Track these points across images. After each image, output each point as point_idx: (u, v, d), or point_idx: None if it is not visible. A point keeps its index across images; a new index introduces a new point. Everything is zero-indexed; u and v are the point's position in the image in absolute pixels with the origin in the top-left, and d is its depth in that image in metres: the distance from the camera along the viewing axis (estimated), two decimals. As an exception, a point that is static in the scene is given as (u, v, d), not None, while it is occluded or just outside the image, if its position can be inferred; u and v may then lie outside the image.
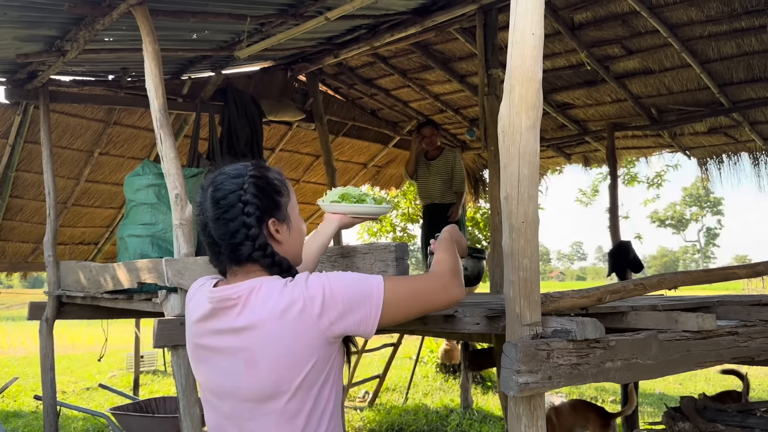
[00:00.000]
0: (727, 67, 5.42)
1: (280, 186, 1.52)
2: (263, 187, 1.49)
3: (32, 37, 4.02)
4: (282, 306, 1.39)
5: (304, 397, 1.41)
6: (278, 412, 1.41)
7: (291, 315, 1.38)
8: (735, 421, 3.05)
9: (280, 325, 1.38)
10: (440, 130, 6.39)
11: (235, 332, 1.43)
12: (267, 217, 1.48)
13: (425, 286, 1.50)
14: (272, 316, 1.39)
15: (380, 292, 1.42)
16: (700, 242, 63.29)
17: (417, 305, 1.49)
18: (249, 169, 1.52)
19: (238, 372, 1.43)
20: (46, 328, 4.69)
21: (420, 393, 8.16)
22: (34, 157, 5.64)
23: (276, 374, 1.39)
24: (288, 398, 1.40)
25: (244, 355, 1.41)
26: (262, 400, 1.42)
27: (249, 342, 1.41)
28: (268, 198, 1.49)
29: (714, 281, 2.52)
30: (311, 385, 1.41)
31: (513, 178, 1.69)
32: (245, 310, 1.42)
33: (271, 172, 1.54)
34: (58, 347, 10.16)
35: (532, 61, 1.66)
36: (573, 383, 1.74)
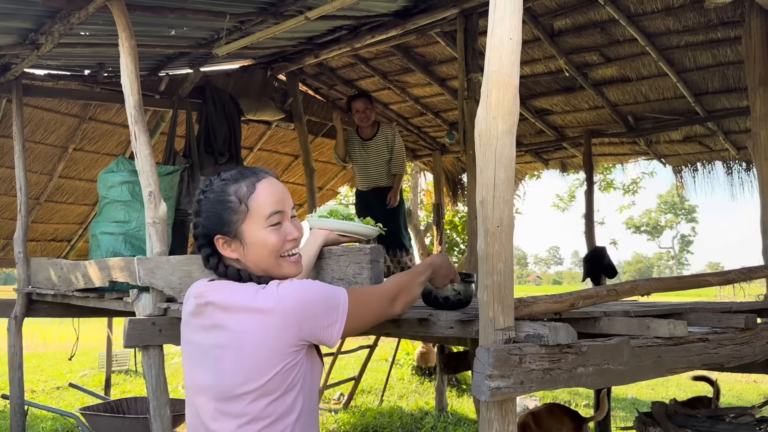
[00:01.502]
0: (703, 76, 5.50)
1: (234, 203, 1.48)
2: (212, 204, 1.50)
3: (5, 29, 3.94)
4: (251, 309, 1.41)
5: (266, 403, 1.41)
6: (239, 415, 1.42)
7: (258, 318, 1.40)
8: (704, 427, 3.10)
9: (247, 327, 1.41)
10: (374, 102, 5.82)
11: (208, 329, 1.47)
12: (214, 233, 1.50)
13: (378, 303, 1.58)
14: (241, 318, 1.42)
15: (345, 305, 1.46)
16: (674, 249, 64.26)
17: (370, 318, 1.56)
18: (208, 183, 1.54)
19: (210, 369, 1.46)
20: (15, 326, 4.60)
21: (395, 395, 8.15)
22: (6, 152, 5.53)
23: (240, 374, 1.41)
24: (250, 401, 1.41)
25: (214, 352, 1.45)
26: (225, 400, 1.43)
27: (219, 340, 1.44)
28: (214, 216, 1.50)
29: (686, 288, 2.54)
30: (274, 390, 1.41)
31: (489, 183, 1.68)
32: (216, 309, 1.46)
33: (233, 185, 1.50)
34: (29, 345, 9.99)
35: (509, 66, 1.67)
36: (545, 388, 1.74)
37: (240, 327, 1.41)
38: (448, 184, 8.55)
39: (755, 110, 3.58)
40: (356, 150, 5.53)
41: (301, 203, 8.15)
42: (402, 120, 7.48)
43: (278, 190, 1.53)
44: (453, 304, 2.12)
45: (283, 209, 1.51)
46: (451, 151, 7.89)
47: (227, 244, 1.50)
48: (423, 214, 11.38)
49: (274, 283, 1.45)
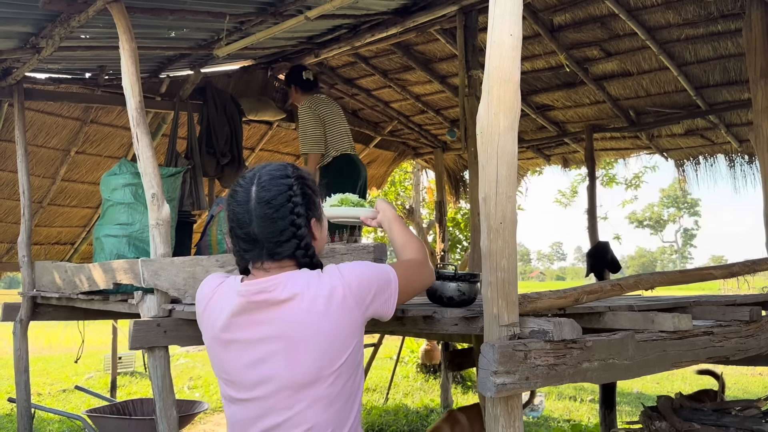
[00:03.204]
0: (704, 69, 5.49)
1: (317, 188, 1.63)
2: (308, 189, 1.59)
3: (6, 33, 3.95)
4: (324, 293, 1.47)
5: (344, 381, 1.49)
6: (317, 398, 1.47)
7: (334, 301, 1.47)
8: (710, 420, 3.09)
9: (322, 312, 1.46)
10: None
11: (274, 321, 1.48)
12: (311, 217, 1.59)
13: (420, 274, 1.71)
14: (314, 303, 1.46)
15: (396, 280, 1.59)
16: (677, 243, 64.15)
17: (415, 290, 1.70)
18: (291, 170, 1.60)
19: (276, 360, 1.47)
20: (20, 330, 4.61)
21: (400, 393, 8.16)
22: (9, 156, 5.54)
23: (319, 359, 1.45)
24: (330, 383, 1.47)
25: (283, 342, 1.47)
26: (301, 387, 1.47)
27: (290, 329, 1.46)
28: (311, 200, 1.60)
29: (690, 282, 2.55)
30: (349, 367, 1.50)
31: (491, 179, 1.69)
32: (286, 297, 1.48)
33: (307, 174, 1.64)
34: (35, 348, 10.02)
35: (510, 63, 1.67)
36: (550, 384, 1.75)
37: (313, 313, 1.45)
38: (450, 181, 8.55)
39: (757, 102, 3.58)
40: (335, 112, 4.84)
41: (303, 203, 8.16)
42: (403, 118, 7.48)
43: None
44: (457, 303, 2.13)
45: None
46: (453, 148, 7.89)
47: (317, 228, 1.61)
48: (425, 212, 11.37)
49: (333, 266, 1.55)
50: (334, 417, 1.48)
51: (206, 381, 9.13)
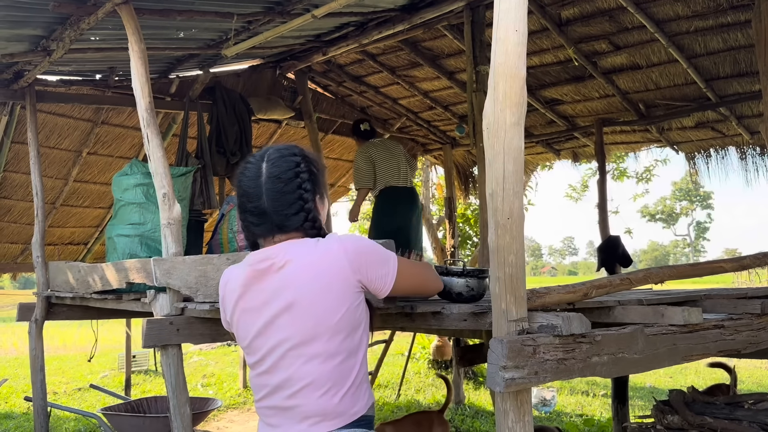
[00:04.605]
0: (714, 61, 5.45)
1: (323, 167, 1.75)
2: (315, 166, 1.72)
3: (17, 36, 3.99)
4: (319, 253, 1.59)
5: (342, 338, 1.58)
6: (315, 354, 1.57)
7: (328, 260, 1.58)
8: (723, 414, 3.08)
9: (318, 271, 1.57)
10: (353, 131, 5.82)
11: (275, 285, 1.60)
12: (316, 192, 1.70)
13: (427, 273, 1.83)
14: (310, 264, 1.58)
15: (395, 263, 1.67)
16: (690, 236, 63.68)
17: (418, 285, 1.79)
18: (298, 150, 1.72)
19: (279, 323, 1.59)
20: (36, 329, 4.67)
21: (412, 389, 8.18)
22: (22, 158, 5.60)
23: (314, 316, 1.56)
24: (326, 338, 1.57)
25: (284, 303, 1.58)
26: (300, 344, 1.57)
27: (288, 291, 1.58)
28: (316, 177, 1.71)
29: (700, 275, 2.54)
30: (347, 325, 1.58)
31: (498, 175, 1.69)
32: (285, 262, 1.60)
33: (313, 154, 1.77)
34: (50, 348, 10.13)
35: (515, 58, 1.67)
36: (559, 378, 1.75)
37: (310, 271, 1.57)
38: (459, 177, 8.54)
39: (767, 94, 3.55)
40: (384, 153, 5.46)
41: (313, 200, 8.19)
42: (411, 114, 7.48)
43: None
44: (466, 299, 2.13)
45: None
46: (462, 144, 7.88)
47: (321, 203, 1.72)
48: (435, 208, 11.36)
49: (333, 233, 1.67)
50: (334, 373, 1.57)
51: (219, 378, 9.20)
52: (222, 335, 3.23)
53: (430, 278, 1.84)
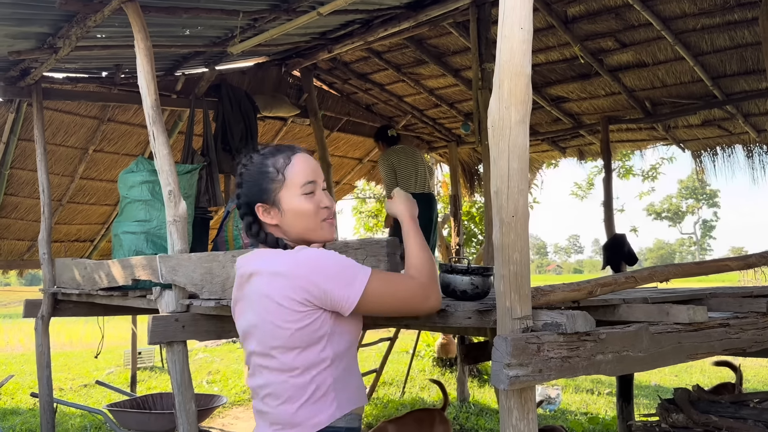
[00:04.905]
0: (721, 59, 5.43)
1: (272, 173, 1.63)
2: (253, 175, 1.65)
3: (24, 34, 4.01)
4: (271, 272, 1.57)
5: (296, 354, 1.56)
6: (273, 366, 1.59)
7: (275, 280, 1.56)
8: (728, 412, 3.07)
9: (273, 287, 1.56)
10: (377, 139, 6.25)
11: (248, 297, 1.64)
12: (255, 201, 1.65)
13: (409, 293, 1.63)
14: (266, 281, 1.57)
15: (365, 279, 1.56)
16: (696, 234, 63.48)
17: (396, 307, 1.63)
18: (249, 158, 1.69)
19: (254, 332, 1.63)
20: (42, 326, 4.69)
21: (417, 387, 8.18)
22: (29, 155, 5.63)
23: (270, 331, 1.57)
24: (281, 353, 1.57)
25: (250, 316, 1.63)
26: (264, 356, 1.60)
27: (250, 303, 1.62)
28: (255, 185, 1.65)
29: (705, 274, 2.53)
30: (300, 342, 1.55)
31: (503, 173, 1.69)
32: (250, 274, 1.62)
33: (271, 158, 1.66)
34: (56, 344, 10.17)
35: (520, 56, 1.66)
36: (564, 376, 1.75)
37: (265, 289, 1.57)
38: (464, 174, 8.53)
39: (774, 92, 3.54)
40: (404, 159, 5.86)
41: (318, 198, 8.19)
42: (417, 112, 7.48)
43: (312, 162, 1.69)
44: (471, 297, 2.13)
45: (315, 179, 1.66)
46: (467, 141, 7.87)
47: (267, 212, 1.64)
48: (440, 206, 11.36)
49: (297, 248, 1.60)
50: (289, 384, 1.58)
51: (224, 375, 9.23)
52: (227, 332, 3.25)
53: (417, 298, 1.65)
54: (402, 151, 5.94)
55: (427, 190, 5.93)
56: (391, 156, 5.87)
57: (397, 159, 5.85)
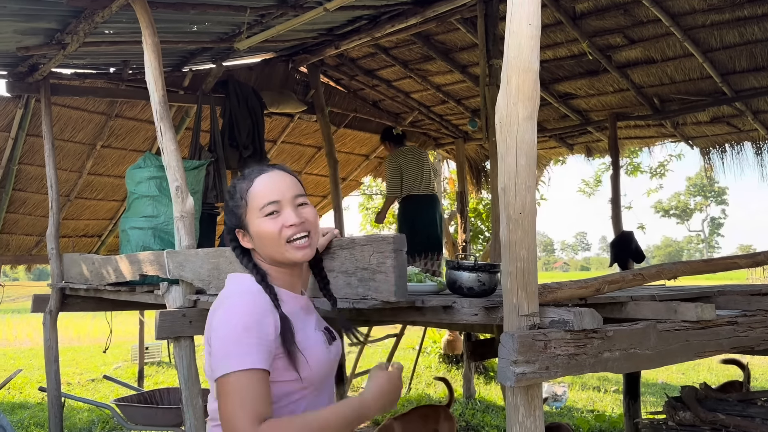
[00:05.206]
0: (730, 56, 5.39)
1: (237, 199, 1.61)
2: (228, 202, 1.64)
3: (32, 30, 4.02)
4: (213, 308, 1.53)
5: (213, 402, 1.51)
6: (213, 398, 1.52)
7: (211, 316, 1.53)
8: (736, 411, 3.06)
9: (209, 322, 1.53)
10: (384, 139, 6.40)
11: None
12: (233, 228, 1.63)
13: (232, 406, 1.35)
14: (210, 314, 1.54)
15: (229, 368, 1.37)
16: (704, 232, 63.18)
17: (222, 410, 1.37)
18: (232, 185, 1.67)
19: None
20: (50, 321, 4.72)
21: (423, 383, 8.19)
22: (37, 150, 5.65)
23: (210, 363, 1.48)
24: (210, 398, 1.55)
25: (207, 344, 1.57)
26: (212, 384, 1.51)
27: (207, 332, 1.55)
28: (230, 212, 1.63)
29: (713, 271, 2.52)
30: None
31: (510, 169, 1.69)
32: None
33: (240, 183, 1.62)
34: (64, 339, 10.24)
35: (528, 52, 1.66)
36: (570, 373, 1.75)
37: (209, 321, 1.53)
38: (471, 171, 8.52)
39: (784, 89, 3.51)
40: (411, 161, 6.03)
41: (324, 194, 8.20)
42: (424, 108, 7.46)
43: (275, 181, 1.59)
44: (477, 293, 2.13)
45: (279, 199, 1.56)
46: (474, 138, 7.85)
47: (243, 237, 1.62)
48: (447, 203, 11.35)
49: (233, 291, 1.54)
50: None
51: (231, 371, 9.24)
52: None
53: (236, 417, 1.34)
54: (409, 152, 6.10)
55: (431, 192, 6.08)
56: (399, 157, 6.02)
57: (405, 160, 5.98)
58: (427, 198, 6.02)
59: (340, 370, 6.09)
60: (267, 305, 1.48)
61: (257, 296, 1.50)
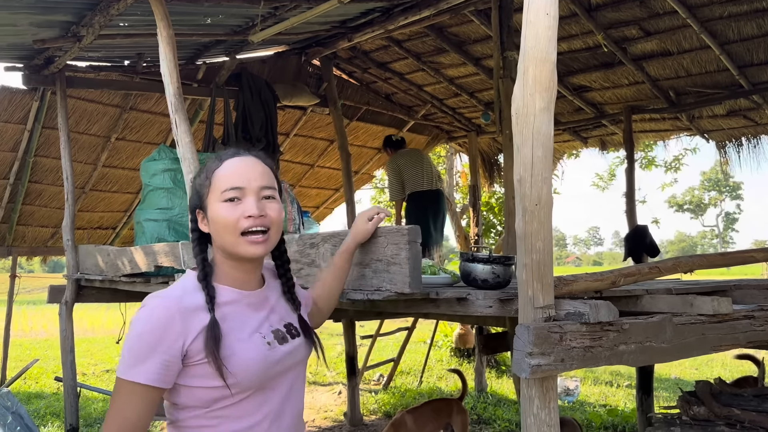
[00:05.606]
0: (747, 48, 5.32)
1: (202, 177, 1.50)
2: (195, 179, 1.53)
3: (48, 22, 4.05)
4: None
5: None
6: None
7: None
8: (751, 406, 3.03)
9: None
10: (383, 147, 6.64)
11: None
12: (194, 207, 1.52)
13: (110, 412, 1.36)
14: None
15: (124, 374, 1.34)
16: (718, 227, 62.61)
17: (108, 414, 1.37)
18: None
19: None
20: (66, 311, 4.76)
21: (434, 376, 8.20)
22: (52, 143, 5.70)
23: None
24: None
25: None
26: None
27: None
28: (195, 190, 1.52)
29: (730, 265, 2.50)
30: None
31: (526, 161, 1.68)
32: None
33: (212, 161, 1.52)
34: (78, 330, 10.34)
35: (546, 42, 1.65)
36: (586, 366, 1.74)
37: None
38: (484, 165, 8.49)
39: (803, 81, 3.46)
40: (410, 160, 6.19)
41: (337, 187, 8.21)
42: (436, 101, 7.44)
43: (245, 167, 1.47)
44: (492, 286, 2.12)
45: (243, 186, 1.44)
46: (487, 131, 7.83)
47: (202, 220, 1.50)
48: (459, 196, 11.32)
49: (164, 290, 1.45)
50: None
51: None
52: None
53: (108, 422, 1.35)
54: (407, 154, 6.26)
55: (436, 187, 6.19)
56: (398, 159, 6.19)
57: (403, 161, 6.14)
58: (434, 193, 6.14)
59: (351, 363, 6.11)
60: (185, 311, 1.37)
61: (176, 301, 1.39)
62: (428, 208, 6.08)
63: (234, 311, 1.44)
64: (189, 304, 1.39)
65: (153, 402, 1.35)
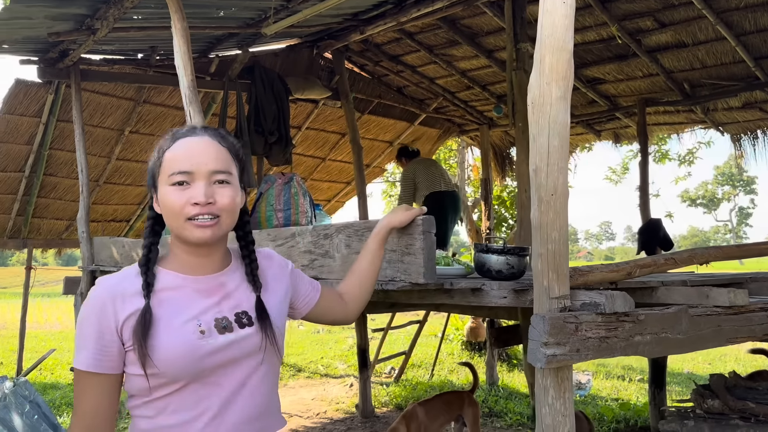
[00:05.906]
0: (764, 39, 5.26)
1: (155, 156, 1.42)
2: (152, 157, 1.44)
3: (63, 15, 4.07)
4: None
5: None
6: None
7: None
8: (766, 399, 3.02)
9: None
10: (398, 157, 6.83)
11: None
12: (149, 186, 1.46)
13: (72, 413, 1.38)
14: None
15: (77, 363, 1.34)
16: (732, 222, 62.07)
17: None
18: None
19: None
20: (81, 303, 4.80)
21: (445, 370, 8.21)
22: (67, 136, 5.74)
23: None
24: None
25: None
26: None
27: None
28: (150, 169, 1.44)
29: (746, 257, 2.48)
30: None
31: (543, 150, 1.67)
32: None
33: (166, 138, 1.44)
34: (92, 322, 10.44)
35: (563, 30, 1.64)
36: (601, 356, 1.74)
37: None
38: (496, 158, 8.46)
39: (822, 72, 3.42)
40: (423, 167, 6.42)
41: (348, 181, 8.22)
42: (448, 94, 7.42)
43: (197, 148, 1.37)
44: (506, 277, 2.12)
45: (192, 170, 1.35)
46: (499, 124, 7.79)
47: (156, 201, 1.43)
48: (470, 190, 11.30)
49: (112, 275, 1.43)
50: None
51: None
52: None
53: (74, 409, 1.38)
54: (421, 162, 6.49)
55: (451, 188, 6.37)
56: (412, 166, 6.41)
57: (418, 168, 6.37)
58: (450, 194, 6.31)
59: (363, 355, 6.13)
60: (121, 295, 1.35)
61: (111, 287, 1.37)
62: (446, 207, 6.21)
63: (174, 297, 1.37)
64: (125, 289, 1.36)
65: (104, 389, 1.34)
